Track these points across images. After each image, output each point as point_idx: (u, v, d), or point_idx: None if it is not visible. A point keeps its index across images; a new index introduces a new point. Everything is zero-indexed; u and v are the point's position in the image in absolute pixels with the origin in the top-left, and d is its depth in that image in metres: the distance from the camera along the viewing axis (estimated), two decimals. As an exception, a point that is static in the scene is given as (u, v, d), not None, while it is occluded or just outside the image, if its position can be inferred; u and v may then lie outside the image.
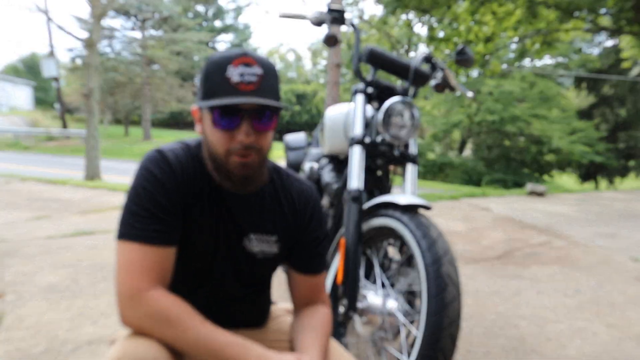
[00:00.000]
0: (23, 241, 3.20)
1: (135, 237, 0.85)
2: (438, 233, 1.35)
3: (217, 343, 0.82)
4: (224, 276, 0.98)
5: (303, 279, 1.04)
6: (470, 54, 1.88)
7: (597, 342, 1.91)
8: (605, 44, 18.89)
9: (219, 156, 0.88)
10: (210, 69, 0.86)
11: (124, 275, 0.85)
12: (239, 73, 0.84)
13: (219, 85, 0.85)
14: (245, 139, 0.85)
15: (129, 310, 0.83)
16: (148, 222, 0.86)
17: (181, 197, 0.90)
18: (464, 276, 2.66)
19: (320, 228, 1.05)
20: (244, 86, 0.84)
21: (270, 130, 0.90)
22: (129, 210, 0.87)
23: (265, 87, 0.86)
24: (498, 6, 9.48)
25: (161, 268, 0.87)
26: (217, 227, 0.95)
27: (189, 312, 0.84)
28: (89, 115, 8.52)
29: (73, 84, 24.62)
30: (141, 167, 0.90)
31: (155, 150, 0.92)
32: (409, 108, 1.61)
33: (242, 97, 0.84)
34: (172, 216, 0.89)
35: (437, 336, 1.21)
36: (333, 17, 1.74)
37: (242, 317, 1.05)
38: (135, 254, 0.85)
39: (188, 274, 0.97)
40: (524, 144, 18.46)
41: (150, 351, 0.81)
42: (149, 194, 0.87)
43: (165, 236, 0.87)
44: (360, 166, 1.60)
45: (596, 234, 3.72)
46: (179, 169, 0.91)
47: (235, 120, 0.85)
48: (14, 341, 1.76)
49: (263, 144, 0.89)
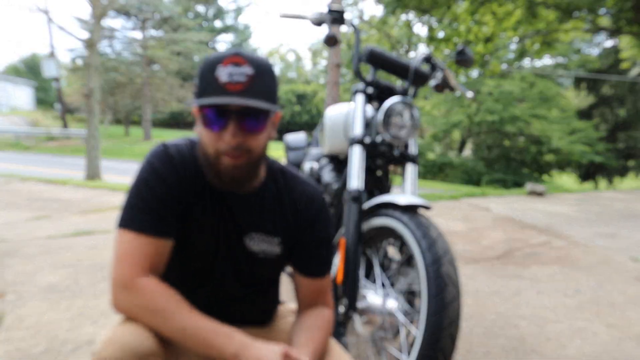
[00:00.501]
0: (23, 241, 3.20)
1: (132, 227, 0.88)
2: (438, 233, 1.35)
3: (203, 331, 0.84)
4: (224, 276, 0.98)
5: (307, 282, 1.03)
6: (470, 54, 1.88)
7: (597, 342, 1.91)
8: (604, 44, 18.89)
9: (209, 156, 0.88)
10: (204, 68, 0.87)
11: (118, 263, 0.87)
12: (227, 73, 0.83)
13: (209, 85, 0.85)
14: (231, 140, 0.85)
15: (120, 296, 0.86)
16: (146, 213, 0.88)
17: (181, 192, 0.91)
18: (464, 276, 2.66)
19: (325, 230, 1.04)
20: (231, 86, 0.83)
21: (262, 132, 0.89)
22: (129, 201, 0.90)
23: (256, 88, 0.85)
24: (498, 6, 9.48)
25: (155, 258, 0.88)
26: (218, 226, 0.95)
27: (177, 300, 0.86)
28: (89, 115, 8.53)
29: (74, 84, 24.62)
30: (145, 160, 0.92)
31: (160, 144, 0.94)
32: (408, 108, 1.61)
33: (228, 97, 0.83)
34: (170, 210, 0.90)
35: (437, 336, 1.21)
36: (333, 17, 1.74)
37: (242, 317, 1.04)
38: (131, 243, 0.87)
39: (189, 273, 0.98)
40: (524, 144, 18.46)
41: (138, 337, 0.83)
42: (149, 186, 0.89)
43: (160, 227, 0.89)
44: (360, 166, 1.60)
45: (596, 234, 3.72)
46: (180, 165, 0.92)
47: (222, 121, 0.85)
48: (14, 341, 1.76)
49: (252, 145, 0.87)
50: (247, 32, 34.80)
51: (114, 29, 22.55)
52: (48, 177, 6.55)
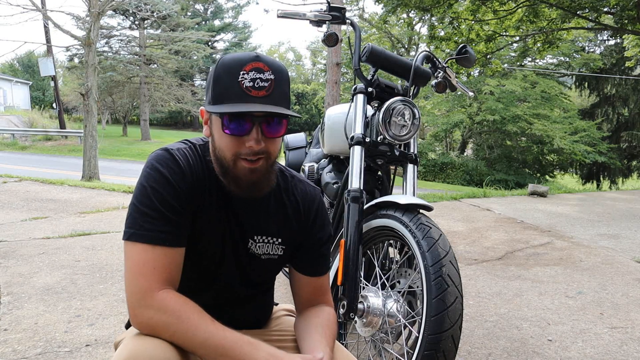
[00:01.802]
0: (20, 242, 3.18)
1: (145, 238, 0.84)
2: (439, 234, 1.33)
3: (227, 341, 0.81)
4: (230, 278, 0.98)
5: (307, 281, 1.04)
6: (471, 53, 1.86)
7: (600, 344, 1.89)
8: (608, 43, 18.87)
9: (226, 161, 0.87)
10: (221, 72, 0.85)
11: (134, 276, 0.84)
12: (250, 78, 0.82)
13: (230, 90, 0.83)
14: (255, 145, 0.84)
15: (139, 310, 0.83)
16: (158, 223, 0.85)
17: (191, 198, 0.89)
18: (465, 277, 2.64)
19: (324, 230, 1.05)
20: (255, 92, 0.83)
21: (280, 136, 0.89)
22: (138, 210, 0.86)
23: (276, 93, 0.85)
24: (499, 5, 9.46)
25: (171, 269, 0.86)
26: (224, 230, 0.95)
27: (199, 311, 0.84)
28: (87, 115, 8.49)
29: (70, 83, 24.60)
30: (150, 167, 0.88)
31: (163, 150, 0.91)
32: (409, 108, 1.59)
33: (254, 104, 0.83)
34: (182, 217, 0.88)
35: (438, 338, 1.19)
36: (333, 15, 1.72)
37: (246, 317, 1.05)
38: (144, 255, 0.84)
39: (195, 276, 0.97)
40: (526, 144, 18.44)
41: (159, 350, 0.81)
42: (159, 194, 0.86)
43: (174, 237, 0.86)
44: (361, 166, 1.58)
45: (599, 235, 3.70)
46: (188, 170, 0.90)
47: (246, 126, 0.84)
48: (10, 343, 1.74)
49: (272, 150, 0.88)
50: (246, 30, 34.76)
51: (111, 28, 22.52)
52: (45, 177, 6.53)
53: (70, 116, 27.36)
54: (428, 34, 11.16)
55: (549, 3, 9.03)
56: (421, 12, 10.59)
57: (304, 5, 18.91)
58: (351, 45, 1.75)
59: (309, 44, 51.48)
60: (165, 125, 33.02)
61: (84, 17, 16.00)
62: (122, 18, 23.62)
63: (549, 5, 9.14)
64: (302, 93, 34.24)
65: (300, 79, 38.77)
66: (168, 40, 22.50)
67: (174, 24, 23.14)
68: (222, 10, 34.14)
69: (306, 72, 41.56)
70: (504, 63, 18.38)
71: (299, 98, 34.40)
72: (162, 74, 22.78)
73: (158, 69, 22.95)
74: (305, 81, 37.89)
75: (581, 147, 16.24)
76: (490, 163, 18.96)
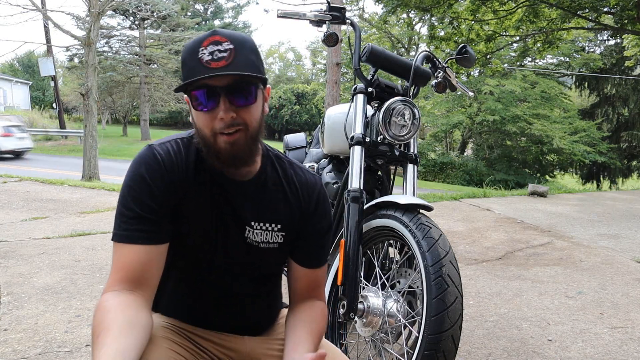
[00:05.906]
0: (20, 242, 3.18)
1: (119, 237, 0.86)
2: (439, 234, 1.33)
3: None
4: (226, 270, 0.96)
5: (304, 272, 1.02)
6: (471, 53, 1.86)
7: (600, 344, 1.89)
8: (608, 43, 18.87)
9: (207, 139, 0.87)
10: (185, 55, 0.86)
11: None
12: (209, 52, 0.83)
13: (193, 68, 0.84)
14: (224, 115, 0.84)
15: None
16: (132, 222, 0.85)
17: (171, 193, 0.89)
18: (465, 277, 2.64)
19: (325, 219, 1.03)
20: (214, 64, 0.82)
21: (253, 105, 0.87)
22: (117, 210, 0.88)
23: (239, 62, 0.84)
24: (499, 5, 9.46)
25: (142, 268, 0.85)
26: (217, 218, 0.93)
27: (112, 320, 0.74)
28: (87, 115, 8.49)
29: (70, 83, 24.59)
30: (130, 166, 0.90)
31: (146, 147, 0.92)
32: (409, 108, 1.59)
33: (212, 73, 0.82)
34: (159, 215, 0.87)
35: (438, 338, 1.19)
36: (333, 15, 1.72)
37: (246, 320, 1.01)
38: (117, 253, 0.86)
39: (189, 268, 0.95)
40: (526, 144, 18.44)
41: (164, 357, 0.80)
42: (134, 193, 0.86)
43: (150, 235, 0.86)
44: (361, 166, 1.58)
45: (599, 235, 3.70)
46: (168, 164, 0.89)
47: (212, 100, 0.84)
48: (10, 343, 1.74)
49: (247, 119, 0.86)
50: (246, 31, 34.77)
51: (111, 27, 22.52)
52: (45, 177, 6.53)
53: (70, 116, 27.37)
54: (428, 34, 11.16)
55: (549, 3, 9.03)
56: (421, 12, 10.60)
57: (304, 5, 18.88)
58: (351, 45, 1.75)
59: (309, 44, 51.41)
60: (166, 125, 33.01)
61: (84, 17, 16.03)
62: (122, 18, 23.61)
63: (549, 5, 9.14)
64: (302, 93, 34.24)
65: (300, 79, 38.76)
66: (168, 40, 22.49)
67: (174, 24, 23.13)
68: (222, 10, 34.15)
69: (306, 72, 41.54)
70: (504, 63, 18.38)
71: (299, 98, 34.39)
72: (162, 74, 22.78)
73: (158, 69, 22.95)
74: (305, 81, 37.87)
75: (581, 147, 16.24)
76: (490, 163, 18.96)
